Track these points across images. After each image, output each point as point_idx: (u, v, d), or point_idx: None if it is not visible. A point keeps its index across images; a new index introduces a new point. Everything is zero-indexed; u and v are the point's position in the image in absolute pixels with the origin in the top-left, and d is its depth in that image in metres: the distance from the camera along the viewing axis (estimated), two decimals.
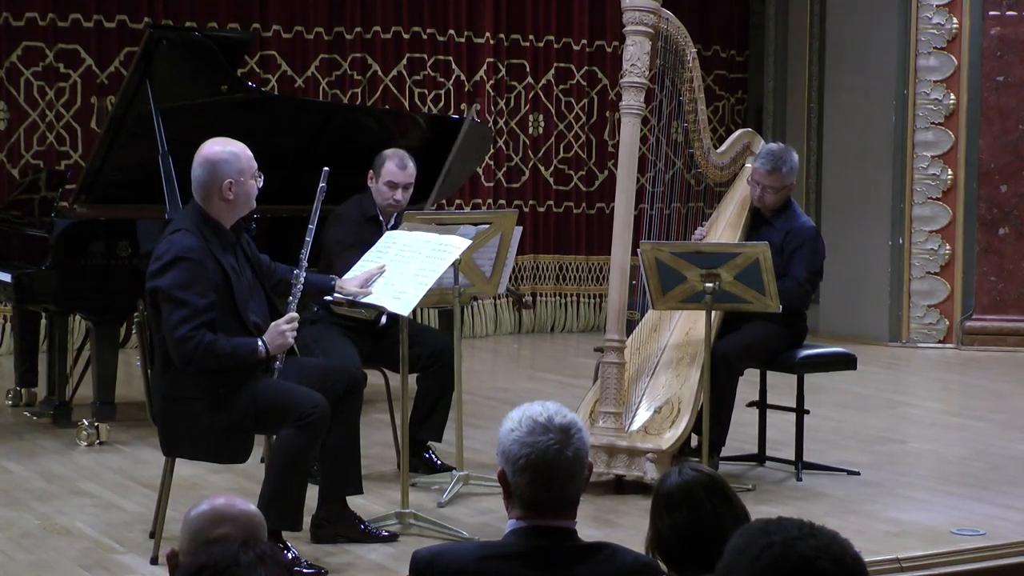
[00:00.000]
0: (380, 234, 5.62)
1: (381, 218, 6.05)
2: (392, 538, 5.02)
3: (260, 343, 4.70)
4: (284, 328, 4.73)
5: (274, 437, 4.83)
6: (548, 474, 2.72)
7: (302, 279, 4.97)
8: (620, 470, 5.75)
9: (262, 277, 4.93)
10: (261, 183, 4.88)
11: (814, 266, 6.16)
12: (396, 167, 5.99)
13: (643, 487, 5.64)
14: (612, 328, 5.86)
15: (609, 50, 10.96)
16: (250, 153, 4.85)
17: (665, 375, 6.03)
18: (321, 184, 5.20)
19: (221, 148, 4.80)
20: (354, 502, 5.21)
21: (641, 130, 5.98)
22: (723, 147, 6.51)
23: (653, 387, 6.01)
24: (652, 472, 5.62)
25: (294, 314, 4.81)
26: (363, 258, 5.33)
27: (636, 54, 5.85)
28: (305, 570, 4.62)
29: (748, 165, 6.51)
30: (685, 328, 6.21)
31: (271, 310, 4.89)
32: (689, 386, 5.92)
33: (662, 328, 6.25)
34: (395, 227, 5.84)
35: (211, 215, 4.76)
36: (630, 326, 6.21)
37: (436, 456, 6.06)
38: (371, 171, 6.08)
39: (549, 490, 2.73)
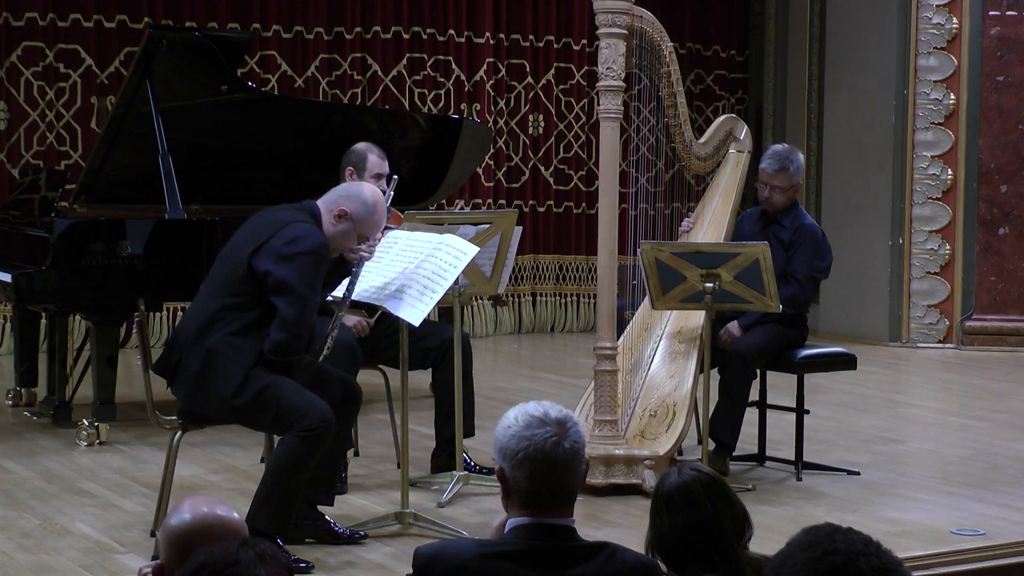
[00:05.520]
0: None
1: None
2: (362, 538, 4.98)
3: None
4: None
5: (276, 439, 4.84)
6: (547, 466, 2.73)
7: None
8: (619, 479, 5.71)
9: None
10: (355, 247, 4.91)
11: (816, 265, 6.16)
12: (379, 158, 6.05)
13: (641, 490, 5.63)
14: (603, 335, 5.83)
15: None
16: (381, 222, 4.93)
17: (659, 375, 6.02)
18: (388, 191, 5.30)
19: (372, 193, 4.92)
20: (354, 502, 5.21)
21: (625, 130, 5.95)
22: (704, 137, 6.49)
23: (647, 388, 6.00)
24: (651, 480, 5.59)
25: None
26: None
27: (611, 56, 5.75)
28: (292, 564, 4.61)
29: (732, 152, 6.51)
30: (677, 326, 6.21)
31: None
32: (684, 387, 5.91)
33: (654, 325, 6.25)
34: None
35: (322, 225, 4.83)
36: (627, 325, 6.20)
37: (469, 457, 5.91)
38: (349, 168, 6.05)
39: (547, 482, 2.74)
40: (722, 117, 6.72)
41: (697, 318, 6.02)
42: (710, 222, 6.35)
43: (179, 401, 4.89)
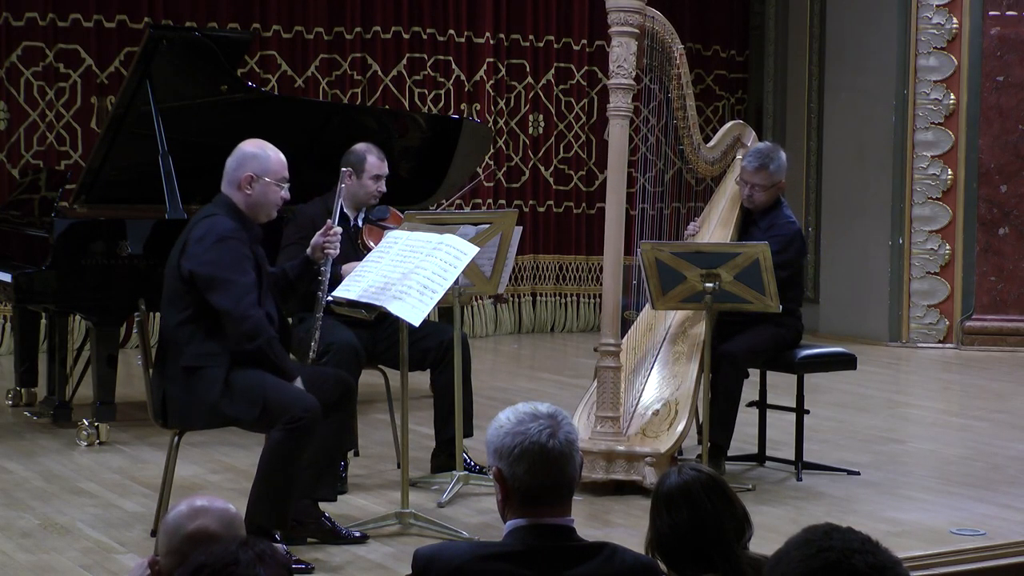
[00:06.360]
0: (344, 228, 5.63)
1: (348, 211, 6.03)
2: (362, 538, 4.99)
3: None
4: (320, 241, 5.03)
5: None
6: (545, 458, 2.75)
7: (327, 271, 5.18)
8: (619, 475, 5.72)
9: (267, 277, 4.97)
10: (285, 194, 4.93)
11: (779, 258, 5.98)
12: (378, 159, 6.04)
13: (642, 487, 5.63)
14: (607, 332, 5.83)
15: (609, 50, 10.95)
16: (283, 161, 4.93)
17: (661, 375, 6.02)
18: (341, 185, 5.41)
19: (255, 145, 4.95)
20: (354, 502, 5.20)
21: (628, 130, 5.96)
22: (713, 141, 6.48)
23: (650, 387, 6.00)
24: (651, 477, 5.59)
25: (337, 228, 5.09)
26: (365, 259, 5.32)
27: (622, 55, 5.79)
28: (292, 565, 4.61)
29: (739, 157, 6.50)
30: (680, 326, 6.20)
31: (276, 309, 4.97)
32: (686, 387, 5.91)
33: (657, 326, 6.24)
34: (366, 218, 6.02)
35: (238, 206, 4.85)
36: (627, 325, 6.20)
37: (469, 457, 5.91)
38: (347, 169, 6.03)
39: (548, 475, 2.75)
40: (730, 123, 6.72)
41: (700, 319, 6.02)
42: (716, 226, 6.33)
43: (175, 426, 4.91)
